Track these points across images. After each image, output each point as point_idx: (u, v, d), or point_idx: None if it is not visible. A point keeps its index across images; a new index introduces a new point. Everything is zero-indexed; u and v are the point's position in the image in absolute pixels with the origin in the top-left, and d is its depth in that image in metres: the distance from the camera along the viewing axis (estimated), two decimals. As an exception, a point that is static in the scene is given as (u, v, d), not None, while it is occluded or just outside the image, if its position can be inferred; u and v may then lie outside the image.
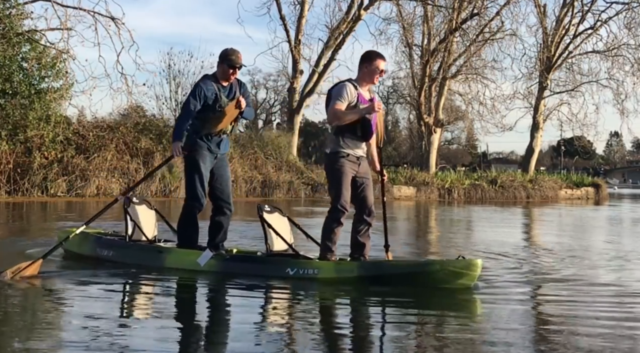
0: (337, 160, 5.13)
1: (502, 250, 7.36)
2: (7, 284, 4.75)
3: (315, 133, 63.10)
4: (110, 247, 5.85)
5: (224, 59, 5.53)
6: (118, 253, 5.75)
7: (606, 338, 3.60)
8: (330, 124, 5.27)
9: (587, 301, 4.64)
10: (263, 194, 20.01)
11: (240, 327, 3.88)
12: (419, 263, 5.24)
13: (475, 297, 4.75)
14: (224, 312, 4.45)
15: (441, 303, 4.62)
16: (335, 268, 5.07)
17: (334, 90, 5.16)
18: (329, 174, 5.28)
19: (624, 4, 29.75)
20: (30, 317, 4.00)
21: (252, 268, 5.26)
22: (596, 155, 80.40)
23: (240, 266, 5.35)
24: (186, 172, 5.68)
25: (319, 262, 5.15)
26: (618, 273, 6.04)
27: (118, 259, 5.67)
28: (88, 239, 6.01)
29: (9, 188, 16.58)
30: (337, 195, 5.14)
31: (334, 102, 5.07)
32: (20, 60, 17.71)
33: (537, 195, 24.11)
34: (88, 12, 18.09)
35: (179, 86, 36.46)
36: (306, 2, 25.17)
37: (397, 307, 4.53)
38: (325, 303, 4.68)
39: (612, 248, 8.29)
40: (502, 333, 3.67)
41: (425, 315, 4.29)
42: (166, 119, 24.73)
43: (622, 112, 31.57)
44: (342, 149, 5.13)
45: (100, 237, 6.08)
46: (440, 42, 27.71)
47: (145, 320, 4.11)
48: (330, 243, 5.16)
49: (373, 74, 5.20)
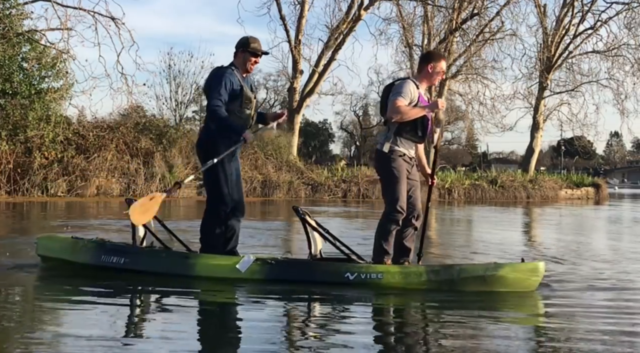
0: (394, 160, 4.91)
1: (550, 254, 7.19)
2: (5, 300, 4.48)
3: (315, 133, 63.11)
4: (122, 254, 5.12)
5: (246, 46, 5.13)
6: (133, 260, 5.07)
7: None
8: (389, 119, 4.91)
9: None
10: (263, 194, 20.02)
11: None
12: (490, 267, 4.86)
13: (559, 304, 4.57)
14: (292, 327, 3.93)
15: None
16: (402, 273, 4.76)
17: (396, 86, 4.93)
18: (384, 174, 5.01)
19: (624, 4, 29.75)
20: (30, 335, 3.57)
21: (303, 275, 4.81)
22: (596, 155, 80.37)
23: (289, 272, 4.85)
24: (209, 172, 5.11)
25: (383, 266, 4.81)
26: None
27: (133, 267, 5.05)
28: (87, 246, 5.28)
29: (9, 188, 16.58)
30: (395, 196, 4.92)
31: (395, 97, 4.82)
32: (20, 60, 17.74)
33: (537, 195, 24.10)
34: (88, 12, 18.09)
35: (179, 86, 36.52)
36: (306, 2, 25.17)
37: (496, 321, 4.09)
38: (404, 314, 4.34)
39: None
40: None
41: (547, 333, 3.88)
42: (166, 119, 24.80)
43: (622, 112, 31.58)
44: (399, 148, 4.92)
45: (105, 243, 5.38)
46: (440, 42, 27.68)
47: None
48: (387, 246, 4.90)
49: (437, 75, 5.04)
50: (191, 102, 38.38)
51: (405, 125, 4.89)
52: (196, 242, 5.44)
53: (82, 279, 5.06)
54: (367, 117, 61.32)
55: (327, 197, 20.65)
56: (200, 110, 53.88)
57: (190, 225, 10.26)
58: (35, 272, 5.40)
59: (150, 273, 4.96)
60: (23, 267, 5.52)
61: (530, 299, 4.71)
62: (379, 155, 5.01)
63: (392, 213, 4.92)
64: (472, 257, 6.82)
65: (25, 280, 5.22)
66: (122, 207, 5.91)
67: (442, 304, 4.49)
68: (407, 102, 4.83)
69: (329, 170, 23.52)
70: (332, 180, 21.57)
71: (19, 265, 5.58)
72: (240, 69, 5.15)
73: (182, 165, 19.32)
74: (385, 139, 4.98)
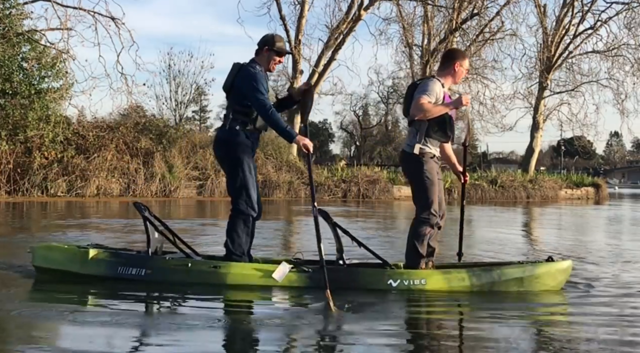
0: (427, 162, 4.81)
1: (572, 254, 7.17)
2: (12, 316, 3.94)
3: (315, 133, 63.08)
4: (142, 265, 4.73)
5: (272, 45, 4.91)
6: (157, 272, 4.69)
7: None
8: (413, 117, 4.78)
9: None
10: (263, 194, 20.00)
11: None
12: (527, 267, 4.82)
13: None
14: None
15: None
16: (445, 278, 4.66)
17: (422, 85, 4.83)
18: (417, 177, 4.85)
19: (624, 4, 29.73)
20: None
21: (344, 281, 4.57)
22: (596, 155, 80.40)
23: (329, 279, 4.52)
24: (234, 174, 4.86)
25: (425, 272, 4.72)
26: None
27: (157, 279, 4.65)
28: (99, 257, 4.83)
29: (9, 188, 16.59)
30: (431, 200, 4.80)
31: (420, 95, 4.71)
32: (20, 60, 17.73)
33: (537, 195, 24.10)
34: (88, 12, 18.11)
35: (179, 86, 36.56)
36: (306, 2, 25.15)
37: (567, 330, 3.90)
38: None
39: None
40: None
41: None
42: (166, 119, 24.79)
43: (622, 112, 31.56)
44: (429, 150, 4.82)
45: (119, 253, 4.97)
46: (440, 42, 27.68)
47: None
48: (422, 250, 4.81)
49: (462, 74, 4.97)
50: (191, 102, 38.37)
51: (434, 125, 4.78)
52: (197, 243, 5.31)
53: (80, 286, 4.66)
54: (367, 117, 61.37)
55: (327, 197, 20.65)
56: (200, 110, 53.94)
57: (190, 224, 10.28)
58: (31, 276, 5.05)
59: (175, 284, 4.60)
60: (21, 271, 5.23)
61: (559, 297, 4.73)
62: (409, 157, 4.86)
63: (428, 216, 4.82)
64: (499, 257, 6.73)
65: (21, 285, 4.80)
66: (122, 207, 5.77)
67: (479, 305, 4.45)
68: (432, 100, 4.72)
69: (329, 170, 23.52)
70: (332, 180, 21.58)
71: (16, 269, 5.32)
72: (262, 67, 4.96)
73: (182, 165, 19.32)
74: (414, 140, 4.84)
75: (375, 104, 59.29)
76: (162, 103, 34.33)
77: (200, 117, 54.88)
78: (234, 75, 4.88)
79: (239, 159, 4.84)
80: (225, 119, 4.94)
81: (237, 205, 4.86)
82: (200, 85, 35.76)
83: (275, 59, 4.95)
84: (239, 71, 4.87)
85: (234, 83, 4.85)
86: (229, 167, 4.90)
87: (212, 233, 8.74)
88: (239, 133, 4.83)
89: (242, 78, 4.81)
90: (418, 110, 4.71)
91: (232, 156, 4.86)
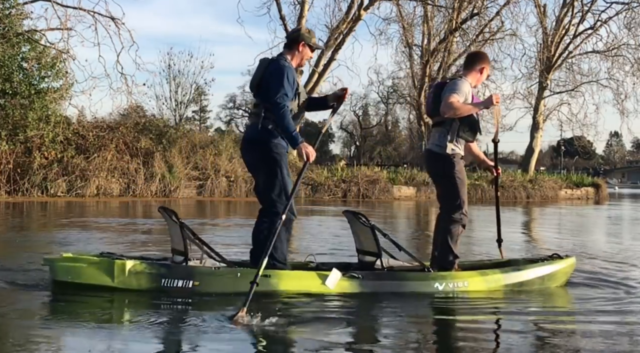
0: (458, 163, 4.80)
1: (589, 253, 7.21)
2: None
3: (315, 133, 63.05)
4: (189, 276, 4.35)
5: (306, 39, 4.66)
6: (205, 282, 4.34)
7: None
8: (443, 115, 4.73)
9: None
10: (263, 194, 19.98)
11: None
12: (551, 263, 4.96)
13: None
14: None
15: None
16: (484, 279, 4.69)
17: (451, 84, 4.79)
18: (448, 177, 4.81)
19: (624, 4, 29.76)
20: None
21: (394, 287, 4.52)
22: (596, 155, 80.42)
23: (379, 285, 4.53)
24: (272, 176, 4.56)
25: (466, 273, 4.74)
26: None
27: (206, 290, 4.32)
28: (137, 268, 4.37)
29: (9, 188, 16.59)
30: (462, 200, 4.80)
31: (450, 94, 4.66)
32: (20, 60, 17.72)
33: (537, 195, 24.10)
34: (88, 12, 18.12)
35: (178, 86, 36.56)
36: (306, 2, 25.15)
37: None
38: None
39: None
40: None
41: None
42: (166, 119, 24.80)
43: (622, 112, 31.61)
44: (459, 150, 4.82)
45: (162, 263, 4.56)
46: (440, 42, 27.71)
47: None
48: (457, 251, 4.83)
49: (484, 78, 5.00)
50: (191, 102, 38.38)
51: (465, 125, 4.78)
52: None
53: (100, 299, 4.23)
54: (367, 117, 61.35)
55: (327, 197, 20.65)
56: (200, 110, 53.95)
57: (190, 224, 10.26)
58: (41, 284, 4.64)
59: (223, 295, 4.28)
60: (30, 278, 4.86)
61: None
62: (439, 157, 4.82)
63: (460, 217, 4.81)
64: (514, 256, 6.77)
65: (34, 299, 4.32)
66: (122, 207, 5.68)
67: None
68: (461, 99, 4.69)
69: (329, 170, 23.51)
70: (332, 180, 21.57)
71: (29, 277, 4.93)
72: (295, 63, 4.70)
73: (182, 165, 19.32)
74: (444, 139, 4.80)
75: (375, 104, 59.33)
76: (162, 103, 34.38)
77: (200, 117, 54.91)
78: (263, 70, 4.60)
79: (276, 160, 4.56)
80: (255, 117, 4.61)
81: (276, 209, 4.49)
82: (200, 85, 35.80)
83: (308, 54, 4.74)
84: (268, 65, 4.61)
85: (264, 78, 4.57)
86: (267, 169, 4.57)
87: (216, 235, 8.73)
88: (273, 132, 4.53)
89: (272, 72, 4.54)
90: (448, 109, 4.66)
91: (268, 157, 4.55)
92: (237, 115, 59.56)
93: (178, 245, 4.60)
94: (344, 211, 5.06)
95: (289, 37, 4.79)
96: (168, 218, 4.65)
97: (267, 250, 4.12)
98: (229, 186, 19.73)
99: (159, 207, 4.83)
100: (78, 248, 6.40)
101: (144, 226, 10.13)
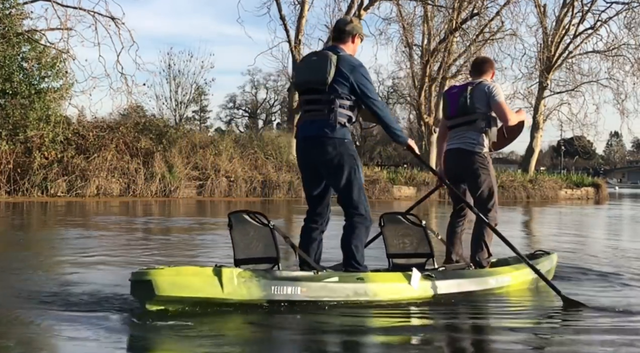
0: (490, 163, 4.94)
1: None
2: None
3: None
4: (296, 283, 3.96)
5: (361, 33, 4.41)
6: (312, 289, 3.98)
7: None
8: (507, 123, 4.86)
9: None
10: (263, 194, 20.02)
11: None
12: (546, 260, 5.17)
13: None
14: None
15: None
16: (517, 274, 4.82)
17: (494, 90, 4.87)
18: (482, 176, 4.88)
19: (624, 4, 29.77)
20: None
21: (465, 285, 4.50)
22: (596, 155, 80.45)
23: (454, 285, 4.43)
24: (351, 177, 4.23)
25: (507, 268, 4.86)
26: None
27: (312, 298, 3.98)
28: (244, 276, 3.86)
29: (9, 188, 16.59)
30: (495, 199, 4.94)
31: (503, 100, 4.88)
32: (20, 60, 17.74)
33: (537, 195, 24.11)
34: (88, 12, 18.13)
35: (178, 86, 36.61)
36: (306, 2, 25.16)
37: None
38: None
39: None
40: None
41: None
42: (166, 119, 24.81)
43: (622, 112, 31.62)
44: (488, 150, 4.95)
45: (267, 270, 4.03)
46: (440, 42, 27.70)
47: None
48: (490, 247, 4.91)
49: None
50: (191, 102, 38.43)
51: (495, 128, 4.94)
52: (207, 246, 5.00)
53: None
54: (367, 117, 61.27)
55: (327, 197, 20.64)
56: (200, 110, 53.96)
57: (191, 223, 10.28)
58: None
59: (324, 303, 4.00)
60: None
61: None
62: (474, 156, 4.87)
63: (493, 215, 4.91)
64: (506, 253, 6.82)
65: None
66: (122, 207, 5.62)
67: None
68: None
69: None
70: (332, 180, 21.56)
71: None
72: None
73: (182, 165, 19.33)
74: (479, 139, 4.88)
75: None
76: (162, 103, 34.46)
77: (200, 117, 54.97)
78: (334, 64, 4.12)
79: (354, 159, 4.23)
80: (324, 113, 4.16)
81: (359, 211, 4.25)
82: (200, 85, 35.84)
83: (358, 46, 4.44)
84: (339, 60, 4.15)
85: (338, 72, 4.11)
86: (347, 169, 4.20)
87: (216, 235, 8.73)
88: (347, 130, 4.21)
89: (354, 68, 4.14)
90: (513, 117, 4.88)
91: (346, 156, 4.18)
92: (237, 115, 59.68)
93: (254, 252, 4.16)
94: (383, 215, 4.73)
95: (340, 29, 4.38)
96: (246, 223, 4.12)
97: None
98: (229, 186, 19.75)
99: (229, 212, 4.19)
100: (98, 253, 6.21)
101: (148, 226, 10.13)
